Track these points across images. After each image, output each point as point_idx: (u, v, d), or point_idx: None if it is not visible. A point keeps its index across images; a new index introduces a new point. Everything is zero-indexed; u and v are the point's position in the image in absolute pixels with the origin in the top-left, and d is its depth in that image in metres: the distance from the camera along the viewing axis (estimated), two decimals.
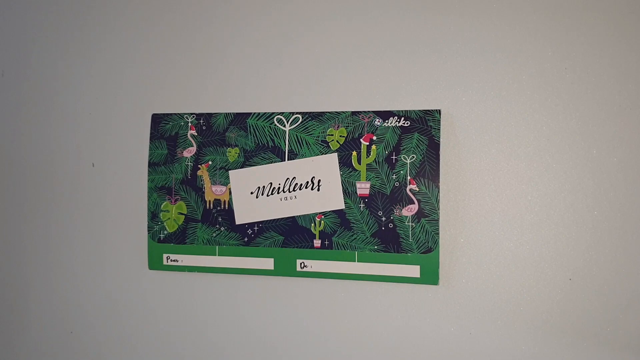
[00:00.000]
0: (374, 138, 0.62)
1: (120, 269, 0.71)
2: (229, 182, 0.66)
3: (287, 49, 0.67)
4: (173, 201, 0.67)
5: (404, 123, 0.62)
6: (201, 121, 0.67)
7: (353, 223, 0.63)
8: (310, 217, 0.64)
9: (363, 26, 0.65)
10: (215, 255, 0.66)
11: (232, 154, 0.66)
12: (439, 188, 0.61)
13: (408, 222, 0.61)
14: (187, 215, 0.67)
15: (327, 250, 0.63)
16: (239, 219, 0.66)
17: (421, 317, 0.63)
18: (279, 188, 0.65)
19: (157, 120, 0.68)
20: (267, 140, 0.65)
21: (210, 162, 0.67)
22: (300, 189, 0.64)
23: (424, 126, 0.61)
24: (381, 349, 0.64)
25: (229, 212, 0.66)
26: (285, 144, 0.65)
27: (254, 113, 0.66)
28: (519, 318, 0.61)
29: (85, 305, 0.72)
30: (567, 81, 0.60)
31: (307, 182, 0.64)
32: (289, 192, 0.64)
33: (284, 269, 0.65)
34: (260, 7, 0.68)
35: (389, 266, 0.62)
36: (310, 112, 0.65)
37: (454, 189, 0.62)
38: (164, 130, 0.68)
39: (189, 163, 0.67)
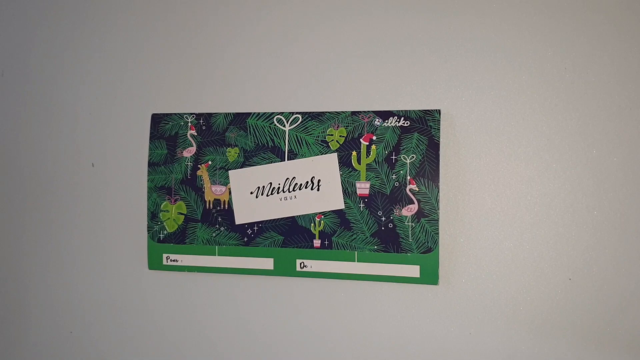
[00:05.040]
0: (374, 138, 0.62)
1: (120, 269, 0.71)
2: (229, 182, 0.66)
3: (287, 49, 0.67)
4: (173, 201, 0.67)
5: (403, 123, 0.62)
6: (201, 121, 0.67)
7: (353, 223, 0.63)
8: (310, 217, 0.64)
9: (363, 26, 0.65)
10: (215, 255, 0.66)
11: (232, 154, 0.66)
12: (438, 188, 0.61)
13: (408, 222, 0.61)
14: (187, 215, 0.67)
15: (326, 250, 0.63)
16: (239, 219, 0.66)
17: (421, 317, 0.63)
18: (278, 188, 0.65)
19: (157, 120, 0.68)
20: (266, 140, 0.65)
21: (210, 162, 0.67)
22: (300, 189, 0.64)
23: (423, 126, 0.61)
24: (381, 349, 0.64)
25: (229, 212, 0.66)
26: (285, 144, 0.65)
27: (254, 113, 0.66)
28: (519, 318, 0.61)
29: (85, 305, 0.72)
30: (567, 81, 0.60)
31: (307, 182, 0.64)
32: (289, 192, 0.64)
33: (284, 269, 0.65)
34: (260, 7, 0.68)
35: (389, 266, 0.62)
36: (310, 112, 0.65)
37: (454, 189, 0.62)
38: (164, 130, 0.68)
39: (189, 163, 0.67)
